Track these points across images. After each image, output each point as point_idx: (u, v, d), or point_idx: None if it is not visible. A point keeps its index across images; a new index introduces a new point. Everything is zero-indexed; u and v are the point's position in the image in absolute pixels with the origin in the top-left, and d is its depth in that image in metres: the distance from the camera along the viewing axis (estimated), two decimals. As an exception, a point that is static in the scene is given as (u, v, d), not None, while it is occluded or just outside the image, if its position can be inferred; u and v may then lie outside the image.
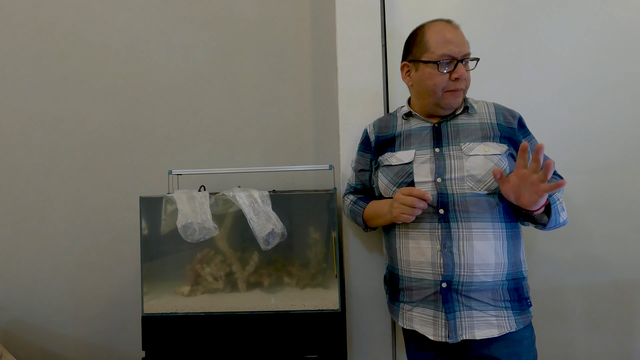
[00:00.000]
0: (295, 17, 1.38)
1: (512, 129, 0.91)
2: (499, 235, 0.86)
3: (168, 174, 1.23)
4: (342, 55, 1.20)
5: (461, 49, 0.88)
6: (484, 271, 0.84)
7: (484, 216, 0.86)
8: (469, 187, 0.86)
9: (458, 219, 0.86)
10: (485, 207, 0.86)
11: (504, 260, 0.85)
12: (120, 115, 1.42)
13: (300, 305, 1.09)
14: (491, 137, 0.89)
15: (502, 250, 0.85)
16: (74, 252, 1.43)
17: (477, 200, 0.86)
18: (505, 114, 0.92)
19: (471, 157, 0.87)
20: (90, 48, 1.42)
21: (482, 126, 0.91)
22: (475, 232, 0.85)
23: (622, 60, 1.17)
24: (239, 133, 1.39)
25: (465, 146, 0.88)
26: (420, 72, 0.90)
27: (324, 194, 1.12)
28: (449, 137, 0.91)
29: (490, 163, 0.86)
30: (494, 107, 0.94)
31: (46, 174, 1.43)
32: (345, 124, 1.19)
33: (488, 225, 0.85)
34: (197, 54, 1.40)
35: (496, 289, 0.85)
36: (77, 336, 1.44)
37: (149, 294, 1.11)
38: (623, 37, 1.16)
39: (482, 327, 0.84)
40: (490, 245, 0.85)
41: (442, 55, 0.87)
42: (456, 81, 0.88)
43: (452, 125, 0.93)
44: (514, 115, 0.92)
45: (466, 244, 0.85)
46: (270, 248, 1.06)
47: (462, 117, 0.93)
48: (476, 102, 0.96)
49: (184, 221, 1.06)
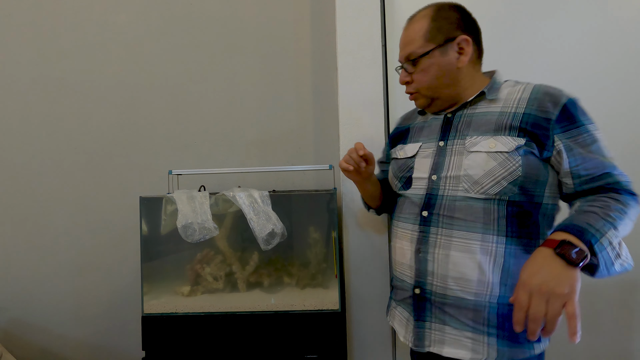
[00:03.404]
0: (295, 17, 1.38)
1: (544, 120, 0.71)
2: (490, 250, 0.71)
3: (168, 174, 1.23)
4: (342, 55, 1.20)
5: (403, 52, 0.83)
6: (462, 286, 0.73)
7: (473, 226, 0.73)
8: (463, 188, 0.74)
9: (439, 224, 0.76)
10: (478, 214, 0.73)
11: (491, 279, 0.71)
12: (120, 115, 1.42)
13: (300, 305, 1.09)
14: (506, 130, 0.73)
15: (491, 268, 0.71)
16: (74, 252, 1.43)
17: (468, 206, 0.73)
18: (542, 99, 0.72)
19: (472, 154, 0.74)
20: (90, 48, 1.42)
21: (501, 116, 0.75)
22: (455, 241, 0.74)
23: (622, 60, 1.17)
24: (239, 133, 1.39)
25: (470, 140, 0.76)
26: None
27: (324, 194, 1.12)
28: (457, 129, 0.79)
29: (492, 162, 0.72)
30: (531, 92, 0.75)
31: (46, 173, 1.43)
32: (345, 124, 1.19)
33: (475, 236, 0.72)
34: (197, 54, 1.40)
35: (479, 310, 0.72)
36: (77, 336, 1.44)
37: (149, 294, 1.11)
38: (623, 37, 1.16)
39: (452, 346, 0.74)
40: (472, 259, 0.72)
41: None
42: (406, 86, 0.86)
43: (466, 115, 0.80)
44: (557, 101, 0.71)
45: (441, 252, 0.75)
46: (270, 248, 1.06)
47: (481, 105, 0.79)
48: (515, 84, 0.79)
49: (184, 221, 1.06)
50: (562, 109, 0.71)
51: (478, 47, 0.81)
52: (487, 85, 0.79)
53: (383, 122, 1.19)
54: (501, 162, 0.72)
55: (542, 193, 0.73)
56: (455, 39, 0.78)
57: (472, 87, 0.81)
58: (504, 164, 0.71)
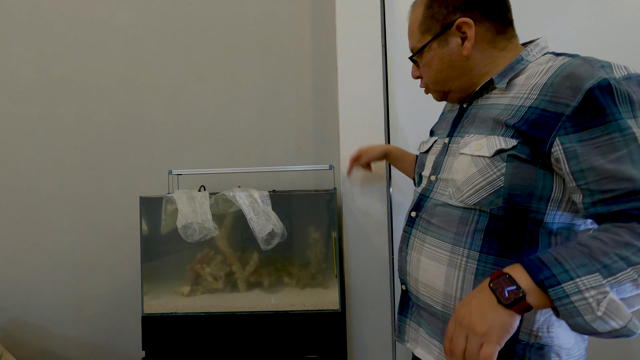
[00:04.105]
0: (295, 17, 1.38)
1: (553, 116, 0.54)
2: (458, 264, 0.63)
3: (168, 174, 1.23)
4: (342, 55, 1.20)
5: (409, 45, 0.75)
6: (430, 294, 0.68)
7: (444, 234, 0.65)
8: (448, 193, 0.66)
9: (419, 227, 0.71)
10: (452, 223, 0.64)
11: (459, 296, 0.63)
12: (120, 115, 1.42)
13: (300, 305, 1.09)
14: (502, 128, 0.60)
15: (458, 284, 0.63)
16: (74, 252, 1.43)
17: (446, 213, 0.66)
18: (560, 85, 0.54)
19: (460, 156, 0.65)
20: (90, 48, 1.42)
21: (505, 110, 0.61)
22: (426, 247, 0.68)
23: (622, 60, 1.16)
24: (239, 133, 1.39)
25: (464, 139, 0.66)
26: None
27: (324, 194, 1.12)
28: (463, 124, 0.70)
29: (473, 168, 0.61)
30: (552, 74, 0.57)
31: (46, 173, 1.43)
32: (345, 124, 1.19)
33: (445, 246, 0.65)
34: (197, 54, 1.40)
35: (447, 323, 0.65)
36: (77, 336, 1.44)
37: (149, 294, 1.11)
38: (623, 37, 1.16)
39: (424, 349, 0.71)
40: (439, 269, 0.65)
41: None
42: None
43: (476, 107, 0.69)
44: (577, 87, 0.52)
45: (415, 255, 0.71)
46: (270, 248, 1.06)
47: (494, 93, 0.66)
48: (548, 60, 0.61)
49: (184, 221, 1.06)
50: (583, 99, 0.51)
51: (495, 20, 0.66)
52: (505, 67, 0.65)
53: (383, 122, 1.19)
54: (481, 169, 0.60)
55: (543, 210, 0.58)
56: (453, 24, 0.66)
57: (492, 71, 0.67)
58: (483, 172, 0.60)
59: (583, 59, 0.56)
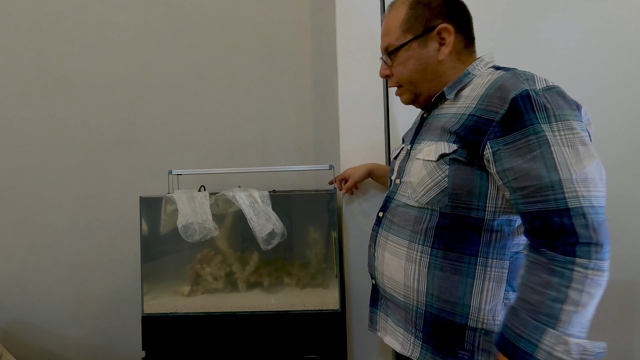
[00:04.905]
0: (295, 17, 1.38)
1: (486, 122, 0.61)
2: (413, 258, 0.71)
3: (168, 174, 1.23)
4: (342, 55, 1.20)
5: (382, 43, 0.78)
6: (393, 287, 0.76)
7: (403, 232, 0.73)
8: (407, 195, 0.74)
9: (384, 226, 0.79)
10: (409, 222, 0.72)
11: (415, 287, 0.71)
12: (120, 115, 1.42)
13: (300, 305, 1.09)
14: (447, 135, 0.68)
15: (414, 276, 0.71)
16: (74, 252, 1.43)
17: (405, 213, 0.74)
18: (493, 96, 0.62)
19: (415, 161, 0.73)
20: (90, 48, 1.42)
21: (452, 118, 0.69)
22: (389, 244, 0.76)
23: (622, 60, 1.17)
24: (238, 133, 1.39)
25: (419, 146, 0.74)
26: None
27: (324, 194, 1.12)
28: (421, 132, 0.78)
29: (424, 171, 0.70)
30: (488, 87, 0.65)
31: (46, 174, 1.43)
32: (345, 124, 1.19)
33: (403, 242, 0.73)
34: (197, 54, 1.40)
35: (409, 312, 0.74)
36: (77, 336, 1.44)
37: (149, 294, 1.11)
38: (623, 37, 1.16)
39: (391, 336, 0.80)
40: (399, 264, 0.73)
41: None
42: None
43: (432, 117, 0.76)
44: (505, 97, 0.60)
45: (380, 251, 0.78)
46: (270, 248, 1.06)
47: (446, 104, 0.73)
48: (490, 74, 0.68)
49: (184, 221, 1.06)
50: (508, 108, 0.59)
51: (465, 35, 0.73)
52: (454, 80, 0.72)
53: (383, 122, 1.19)
54: (430, 172, 0.68)
55: (483, 207, 0.65)
56: (435, 28, 0.71)
57: (452, 82, 0.74)
58: (431, 174, 0.68)
59: (513, 73, 0.63)
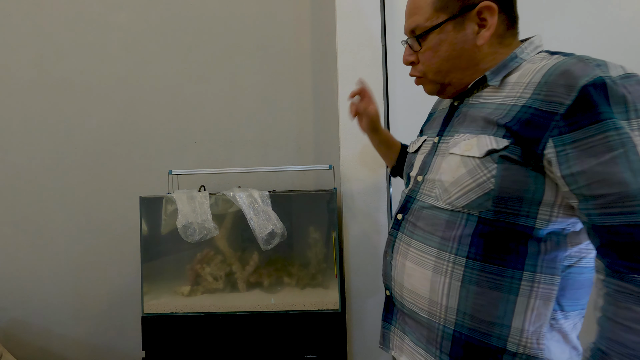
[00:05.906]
0: (295, 17, 1.38)
1: (547, 115, 0.51)
2: (444, 270, 0.59)
3: (168, 174, 1.23)
4: (342, 55, 1.20)
5: (407, 24, 0.66)
6: (415, 301, 0.64)
7: (430, 238, 0.62)
8: (435, 195, 0.63)
9: (405, 231, 0.67)
10: (438, 227, 0.61)
11: (445, 303, 0.59)
12: (120, 115, 1.42)
13: (300, 305, 1.09)
14: (493, 127, 0.56)
15: (444, 291, 0.59)
16: (74, 252, 1.43)
17: (433, 216, 0.62)
18: (554, 83, 0.51)
19: (449, 156, 0.61)
20: (90, 48, 1.42)
21: (497, 108, 0.58)
22: (412, 251, 0.64)
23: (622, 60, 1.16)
24: (239, 133, 1.39)
25: (454, 138, 0.62)
26: None
27: (324, 194, 1.12)
28: (453, 123, 0.66)
29: (462, 169, 0.58)
30: (545, 72, 0.53)
31: (46, 174, 1.43)
32: (345, 124, 1.19)
33: (431, 251, 0.61)
34: (197, 54, 1.40)
35: (433, 331, 0.62)
36: (77, 336, 1.44)
37: (149, 294, 1.11)
38: (623, 37, 1.16)
39: (407, 357, 0.68)
40: (424, 275, 0.62)
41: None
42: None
43: (467, 105, 0.64)
44: (572, 85, 0.49)
45: (400, 260, 0.67)
46: (270, 248, 1.06)
47: (487, 91, 0.62)
48: (542, 59, 0.57)
49: (184, 221, 1.06)
50: (577, 97, 0.48)
51: (508, 15, 0.61)
52: (498, 64, 0.61)
53: (383, 122, 1.19)
54: (470, 170, 0.57)
55: (534, 214, 0.54)
56: (475, 6, 0.59)
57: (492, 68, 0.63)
58: (472, 173, 0.56)
59: (578, 58, 0.53)
